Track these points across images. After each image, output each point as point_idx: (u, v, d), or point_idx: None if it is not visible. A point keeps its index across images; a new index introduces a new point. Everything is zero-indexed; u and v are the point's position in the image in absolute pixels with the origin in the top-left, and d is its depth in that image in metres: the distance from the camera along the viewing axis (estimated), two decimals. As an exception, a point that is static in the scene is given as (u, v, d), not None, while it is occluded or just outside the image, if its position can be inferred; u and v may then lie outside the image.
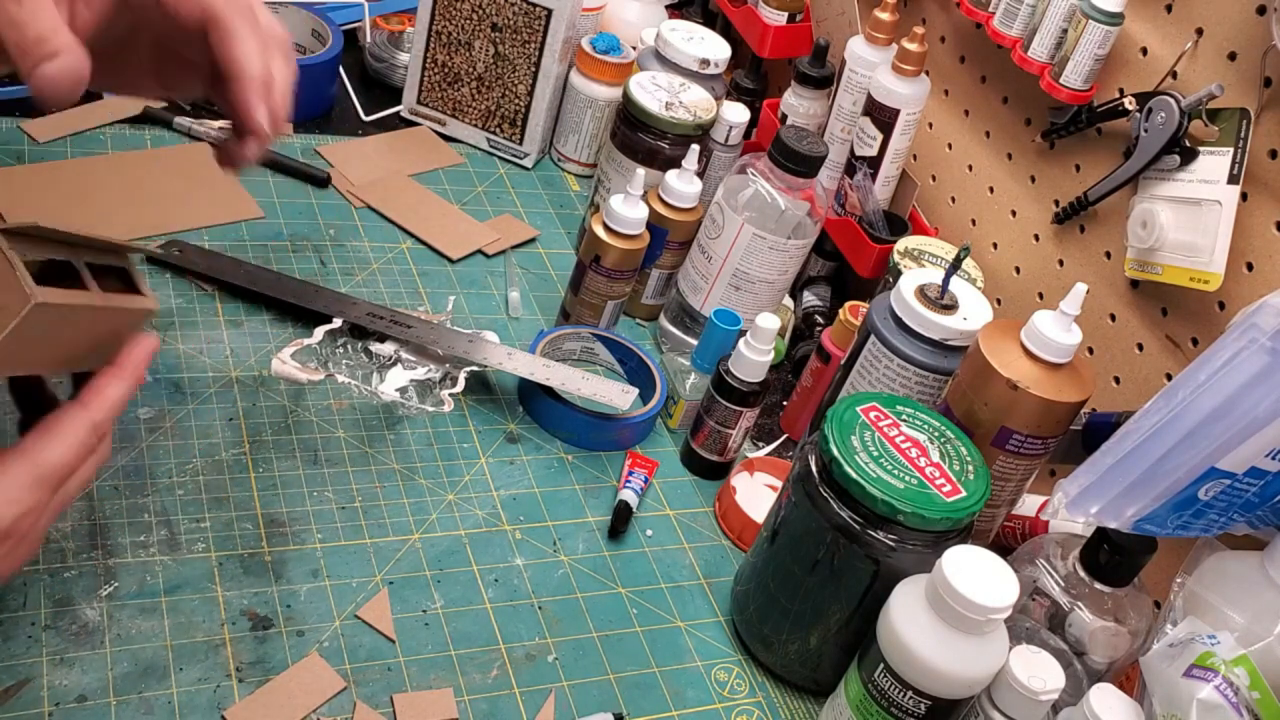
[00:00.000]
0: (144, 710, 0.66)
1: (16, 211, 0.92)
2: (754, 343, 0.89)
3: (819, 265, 1.13)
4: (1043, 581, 0.76)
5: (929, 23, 1.08)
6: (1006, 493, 0.82)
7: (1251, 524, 0.70)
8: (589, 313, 1.00)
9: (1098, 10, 0.84)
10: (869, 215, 1.03)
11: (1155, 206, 0.82)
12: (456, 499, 0.85)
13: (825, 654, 0.78)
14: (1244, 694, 0.62)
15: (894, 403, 0.77)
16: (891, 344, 0.84)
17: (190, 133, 1.09)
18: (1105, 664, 0.75)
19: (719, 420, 0.92)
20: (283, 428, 0.85)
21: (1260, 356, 0.62)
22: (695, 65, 1.13)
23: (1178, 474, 0.65)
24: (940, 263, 0.94)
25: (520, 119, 1.19)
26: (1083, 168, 0.92)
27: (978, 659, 0.68)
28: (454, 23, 1.15)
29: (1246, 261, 0.78)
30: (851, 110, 1.05)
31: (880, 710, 0.70)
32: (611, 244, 0.96)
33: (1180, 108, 0.80)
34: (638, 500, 0.89)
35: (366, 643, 0.74)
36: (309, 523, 0.80)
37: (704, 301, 1.01)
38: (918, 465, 0.73)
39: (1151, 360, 0.85)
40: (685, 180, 1.01)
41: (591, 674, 0.77)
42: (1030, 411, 0.76)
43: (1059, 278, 0.94)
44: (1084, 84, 0.88)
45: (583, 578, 0.83)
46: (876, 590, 0.73)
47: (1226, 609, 0.68)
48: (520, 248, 1.11)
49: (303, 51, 1.19)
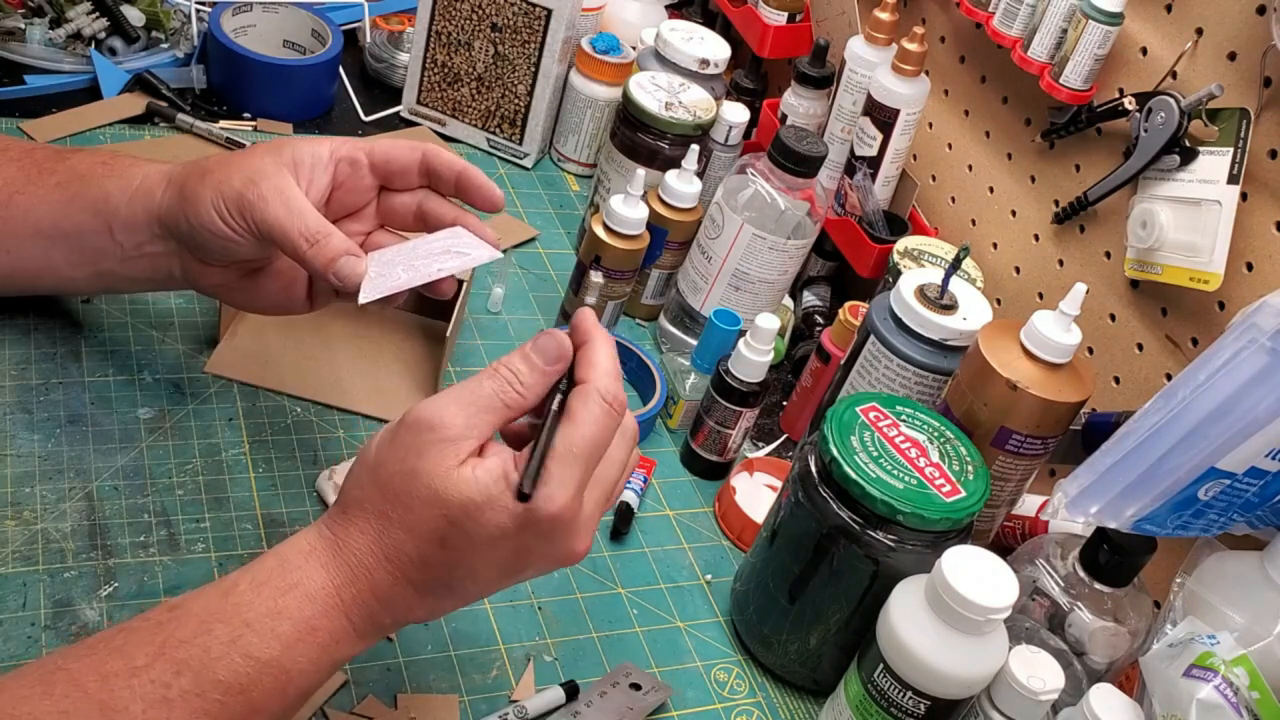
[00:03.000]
0: (144, 710, 0.66)
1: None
2: (754, 343, 0.89)
3: (819, 265, 1.13)
4: (1042, 581, 0.76)
5: (929, 23, 1.08)
6: (1006, 493, 0.82)
7: (1251, 524, 0.70)
8: (589, 313, 1.00)
9: (1098, 10, 0.84)
10: (869, 215, 1.03)
11: (1155, 206, 0.82)
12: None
13: (825, 654, 0.78)
14: (1244, 694, 0.62)
15: (894, 403, 0.77)
16: (891, 344, 0.84)
17: (193, 130, 1.09)
18: (1105, 664, 0.75)
19: (719, 420, 0.92)
20: (283, 428, 0.85)
21: (1260, 356, 0.62)
22: (695, 65, 1.13)
23: (1178, 474, 0.65)
24: (940, 263, 0.94)
25: (520, 119, 1.19)
26: (1083, 168, 0.92)
27: (977, 659, 0.68)
28: (454, 23, 1.15)
29: (1246, 261, 0.78)
30: (851, 110, 1.05)
31: (880, 710, 0.70)
32: (611, 244, 0.96)
33: (1180, 108, 0.80)
34: (638, 500, 0.89)
35: (366, 643, 0.74)
36: (309, 523, 0.79)
37: (704, 301, 1.01)
38: (917, 465, 0.73)
39: (1151, 360, 0.85)
40: (685, 180, 1.01)
41: (591, 674, 0.76)
42: (1030, 411, 0.76)
43: (1059, 278, 0.94)
44: (1084, 84, 0.88)
45: (583, 578, 0.83)
46: (876, 590, 0.73)
47: (1226, 609, 0.68)
48: (520, 247, 1.11)
49: (303, 51, 1.20)
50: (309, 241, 0.69)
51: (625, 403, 0.62)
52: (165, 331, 0.88)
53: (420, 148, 0.76)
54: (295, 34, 1.20)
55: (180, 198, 0.73)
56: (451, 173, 0.75)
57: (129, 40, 1.13)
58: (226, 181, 0.71)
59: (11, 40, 1.08)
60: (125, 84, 1.10)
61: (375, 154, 0.75)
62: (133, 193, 0.75)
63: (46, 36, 1.09)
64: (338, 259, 0.69)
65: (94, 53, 1.10)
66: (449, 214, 0.76)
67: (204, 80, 1.14)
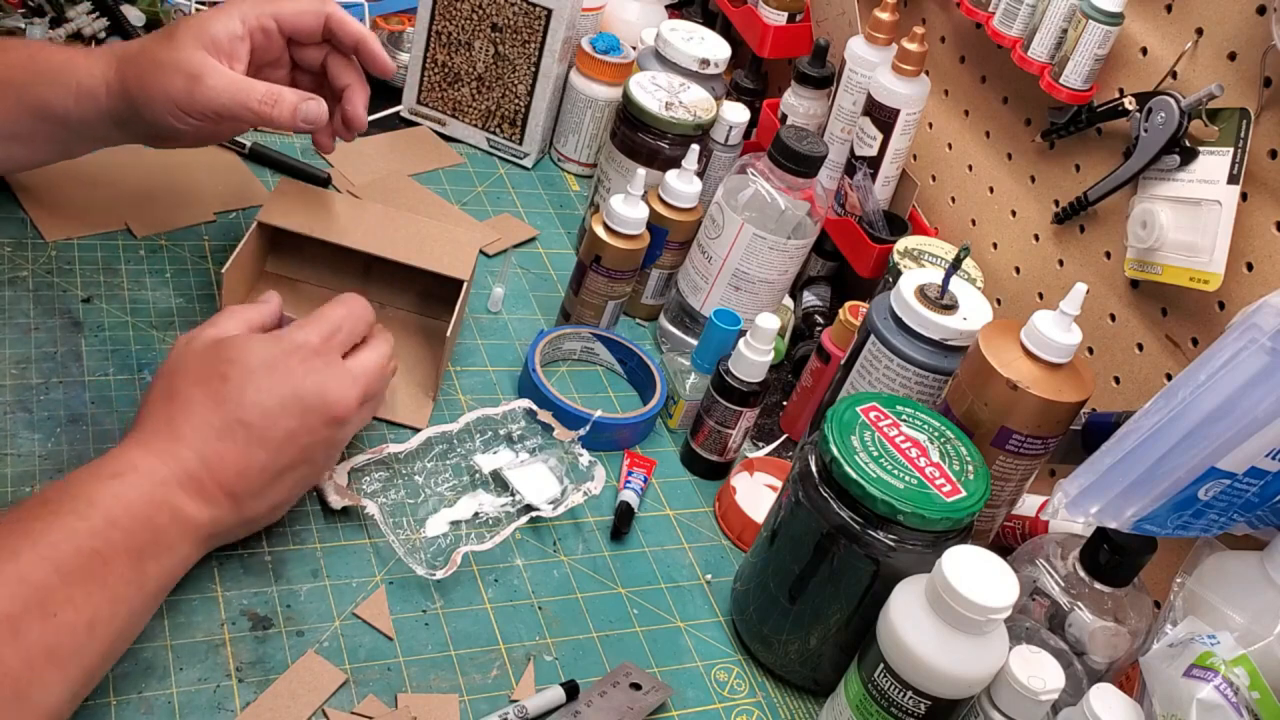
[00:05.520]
0: (144, 710, 0.66)
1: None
2: (754, 343, 0.89)
3: (819, 265, 1.13)
4: (1043, 581, 0.76)
5: (929, 23, 1.08)
6: (1006, 493, 0.82)
7: (1251, 524, 0.70)
8: (589, 313, 1.00)
9: (1098, 10, 0.84)
10: (869, 215, 1.03)
11: (1155, 206, 0.82)
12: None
13: (825, 654, 0.78)
14: (1244, 694, 0.62)
15: (894, 403, 0.77)
16: (891, 344, 0.84)
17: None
18: (1105, 664, 0.75)
19: (719, 420, 0.92)
20: (283, 428, 0.85)
21: (1260, 356, 0.62)
22: (695, 65, 1.13)
23: (1178, 474, 0.65)
24: (940, 263, 0.94)
25: (520, 119, 1.19)
26: (1083, 168, 0.92)
27: (978, 659, 0.68)
28: (454, 23, 1.15)
29: (1246, 261, 0.78)
30: (851, 110, 1.05)
31: (880, 710, 0.70)
32: (611, 244, 0.96)
33: (1180, 108, 0.80)
34: (638, 500, 0.89)
35: (366, 642, 0.74)
36: (309, 523, 0.79)
37: (704, 301, 1.01)
38: (918, 465, 0.73)
39: (1151, 360, 0.85)
40: (685, 180, 1.01)
41: (591, 674, 0.76)
42: (1030, 411, 0.76)
43: (1059, 278, 0.94)
44: (1084, 84, 0.88)
45: (582, 578, 0.83)
46: (876, 590, 0.73)
47: (1226, 609, 0.68)
48: (520, 247, 1.11)
49: (303, 51, 1.19)
50: (268, 105, 0.81)
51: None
52: (165, 331, 0.88)
53: (324, 11, 0.87)
54: (295, 34, 1.20)
55: (129, 104, 0.82)
56: (351, 40, 0.88)
57: (129, 40, 1.13)
58: (171, 84, 0.80)
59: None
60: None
61: (283, 20, 0.85)
62: (76, 96, 0.83)
63: (46, 36, 1.09)
64: (297, 108, 0.82)
65: (94, 52, 1.10)
66: (348, 77, 0.89)
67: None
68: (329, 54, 0.89)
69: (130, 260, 0.93)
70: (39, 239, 0.91)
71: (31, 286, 0.88)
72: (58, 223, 0.93)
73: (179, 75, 0.80)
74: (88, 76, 0.83)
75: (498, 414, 0.88)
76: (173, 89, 0.80)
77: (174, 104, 0.80)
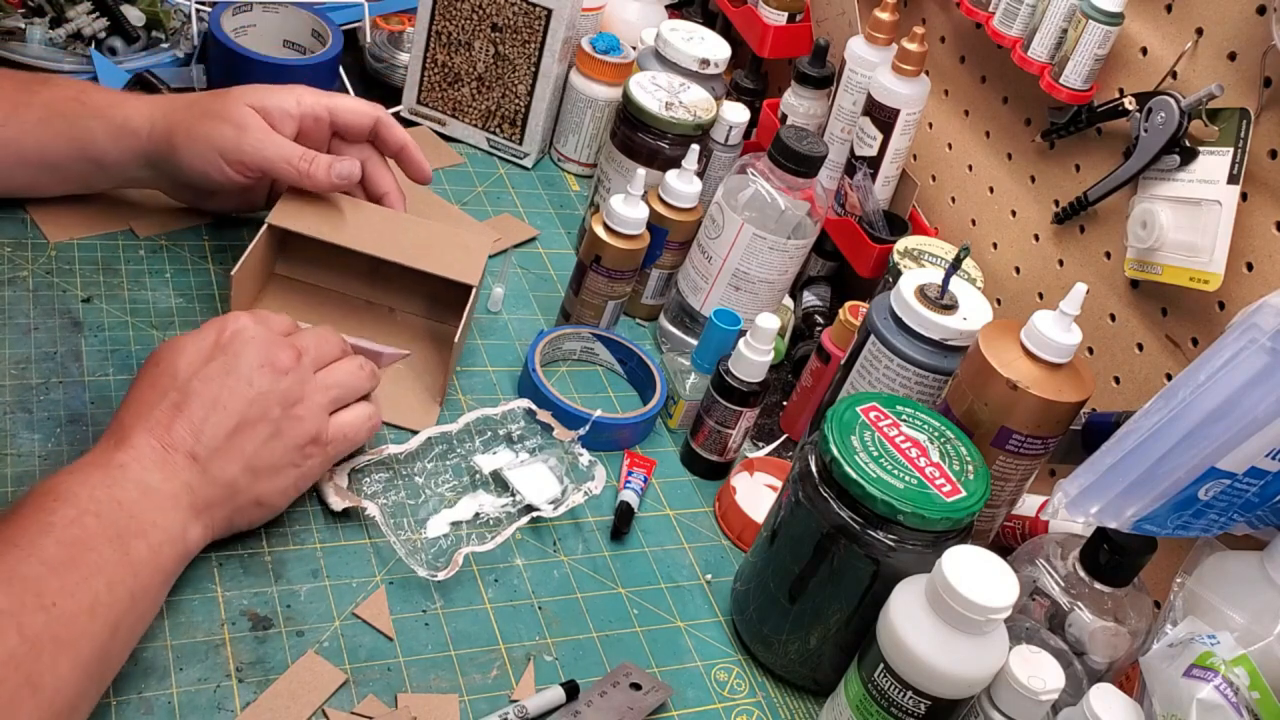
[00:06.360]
0: (144, 710, 0.66)
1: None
2: (754, 343, 0.89)
3: (819, 265, 1.13)
4: (1043, 581, 0.76)
5: (929, 23, 1.08)
6: (1006, 493, 0.82)
7: (1251, 524, 0.70)
8: (589, 313, 1.00)
9: (1098, 10, 0.84)
10: (869, 215, 1.03)
11: (1155, 206, 0.82)
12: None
13: (825, 654, 0.78)
14: (1244, 694, 0.62)
15: (894, 403, 0.77)
16: (891, 344, 0.84)
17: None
18: (1105, 664, 0.75)
19: (719, 420, 0.92)
20: (283, 428, 0.85)
21: (1260, 356, 0.62)
22: (695, 65, 1.13)
23: (1178, 474, 0.65)
24: (940, 263, 0.94)
25: (520, 119, 1.19)
26: (1083, 168, 0.92)
27: (978, 659, 0.68)
28: (454, 23, 1.15)
29: (1246, 261, 0.78)
30: (851, 110, 1.05)
31: (880, 710, 0.70)
32: (611, 244, 0.96)
33: (1180, 108, 0.80)
34: (638, 500, 0.89)
35: (366, 643, 0.74)
36: (309, 523, 0.79)
37: (704, 301, 1.01)
38: (918, 465, 0.73)
39: (1151, 360, 0.85)
40: (685, 180, 1.01)
41: (591, 674, 0.76)
42: (1030, 411, 0.76)
43: (1059, 278, 0.94)
44: (1084, 84, 0.88)
45: (582, 578, 0.83)
46: (876, 590, 0.73)
47: (1226, 609, 0.68)
48: (520, 247, 1.11)
49: (303, 51, 1.19)
50: (306, 162, 0.85)
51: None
52: (165, 331, 0.88)
53: (375, 114, 0.91)
54: (295, 34, 1.20)
55: (171, 148, 0.86)
56: (396, 145, 0.92)
57: (129, 40, 1.13)
58: (218, 134, 0.84)
59: (11, 40, 1.08)
60: (125, 84, 1.10)
61: (338, 114, 0.90)
62: (117, 133, 0.87)
63: (46, 36, 1.09)
64: (332, 167, 0.86)
65: (94, 52, 1.10)
66: (385, 184, 0.93)
67: (204, 80, 1.14)
68: (368, 158, 0.92)
69: (130, 260, 0.93)
70: (39, 239, 0.91)
71: (31, 287, 0.88)
72: (61, 224, 0.93)
73: (228, 125, 0.85)
74: (135, 114, 0.87)
75: (498, 414, 0.88)
76: (219, 137, 0.84)
77: (217, 152, 0.85)
